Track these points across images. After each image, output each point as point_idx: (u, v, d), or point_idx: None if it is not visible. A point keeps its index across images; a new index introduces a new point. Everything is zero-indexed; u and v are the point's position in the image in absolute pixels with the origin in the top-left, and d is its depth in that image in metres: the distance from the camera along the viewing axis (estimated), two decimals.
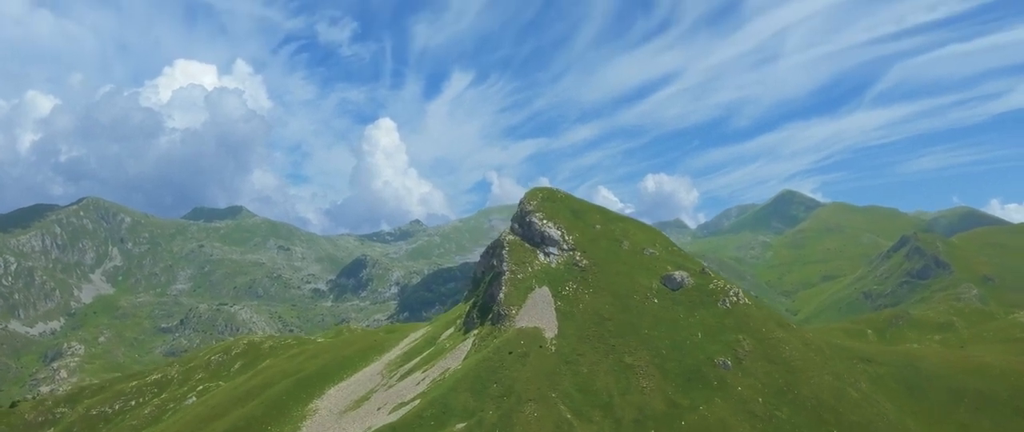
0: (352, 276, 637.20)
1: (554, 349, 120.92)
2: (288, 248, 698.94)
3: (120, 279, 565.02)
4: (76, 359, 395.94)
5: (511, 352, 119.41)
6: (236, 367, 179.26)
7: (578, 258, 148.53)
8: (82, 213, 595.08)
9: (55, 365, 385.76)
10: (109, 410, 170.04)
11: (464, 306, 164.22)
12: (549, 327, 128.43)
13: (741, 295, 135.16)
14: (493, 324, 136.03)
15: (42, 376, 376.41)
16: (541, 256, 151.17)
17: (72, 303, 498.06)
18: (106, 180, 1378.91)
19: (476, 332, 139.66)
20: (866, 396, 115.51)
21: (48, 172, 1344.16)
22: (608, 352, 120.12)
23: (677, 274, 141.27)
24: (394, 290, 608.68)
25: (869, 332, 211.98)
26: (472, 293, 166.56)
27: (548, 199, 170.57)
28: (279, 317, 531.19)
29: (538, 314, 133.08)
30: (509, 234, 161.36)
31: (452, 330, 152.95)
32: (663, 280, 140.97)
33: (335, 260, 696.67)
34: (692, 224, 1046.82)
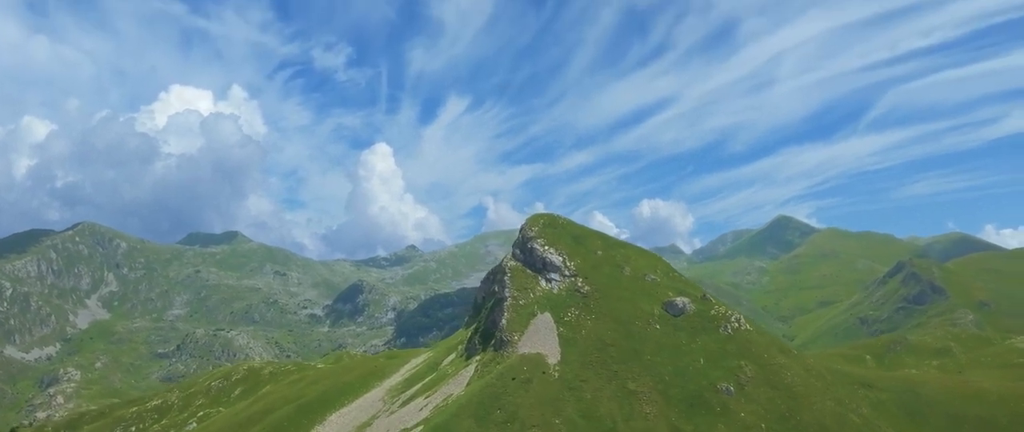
0: (348, 301, 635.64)
1: (557, 375, 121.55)
2: (284, 273, 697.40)
3: (116, 304, 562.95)
4: (73, 385, 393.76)
5: (514, 378, 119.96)
6: (236, 393, 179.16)
7: (580, 284, 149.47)
8: (77, 238, 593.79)
9: (51, 391, 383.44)
10: None
11: (465, 332, 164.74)
12: (552, 353, 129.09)
13: (743, 321, 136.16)
14: (495, 350, 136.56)
15: (38, 402, 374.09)
16: (543, 282, 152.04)
17: (68, 328, 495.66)
18: (102, 205, 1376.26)
19: (478, 358, 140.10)
20: (867, 422, 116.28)
21: (44, 197, 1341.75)
22: (611, 378, 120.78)
23: (679, 300, 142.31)
24: (391, 315, 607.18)
25: (868, 358, 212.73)
26: (473, 319, 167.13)
27: (549, 225, 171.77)
28: (276, 343, 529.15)
29: (541, 340, 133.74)
30: (510, 260, 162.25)
31: (454, 356, 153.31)
32: (665, 306, 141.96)
33: (331, 285, 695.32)
34: (687, 249, 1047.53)
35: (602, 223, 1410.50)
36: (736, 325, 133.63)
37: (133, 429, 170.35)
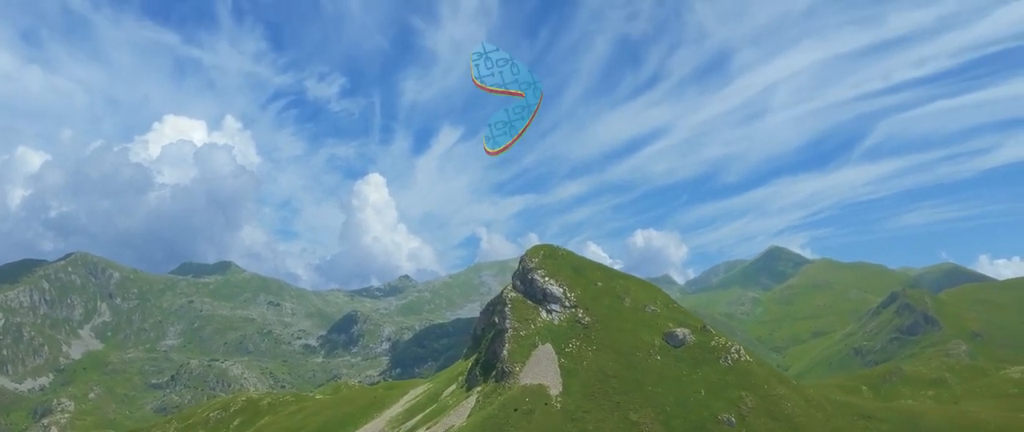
0: (343, 332, 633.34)
1: (559, 406, 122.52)
2: (278, 303, 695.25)
3: (109, 335, 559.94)
4: (66, 415, 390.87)
5: (516, 409, 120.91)
6: (235, 424, 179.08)
7: (581, 315, 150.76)
8: (70, 269, 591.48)
9: (45, 422, 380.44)
10: None
11: (465, 363, 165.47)
12: (553, 384, 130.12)
13: (742, 352, 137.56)
14: (497, 381, 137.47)
15: None
16: (544, 313, 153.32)
17: (61, 359, 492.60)
18: (96, 235, 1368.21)
19: (479, 389, 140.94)
20: None
21: (38, 228, 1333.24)
22: (613, 409, 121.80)
23: (679, 331, 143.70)
24: (385, 346, 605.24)
25: (864, 388, 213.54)
26: (473, 350, 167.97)
27: (549, 256, 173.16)
28: (270, 373, 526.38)
29: (542, 371, 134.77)
30: (511, 291, 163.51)
31: (454, 387, 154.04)
32: (665, 337, 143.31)
33: (325, 316, 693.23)
34: (681, 280, 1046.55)
35: (596, 253, 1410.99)
36: (736, 356, 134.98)
37: None
